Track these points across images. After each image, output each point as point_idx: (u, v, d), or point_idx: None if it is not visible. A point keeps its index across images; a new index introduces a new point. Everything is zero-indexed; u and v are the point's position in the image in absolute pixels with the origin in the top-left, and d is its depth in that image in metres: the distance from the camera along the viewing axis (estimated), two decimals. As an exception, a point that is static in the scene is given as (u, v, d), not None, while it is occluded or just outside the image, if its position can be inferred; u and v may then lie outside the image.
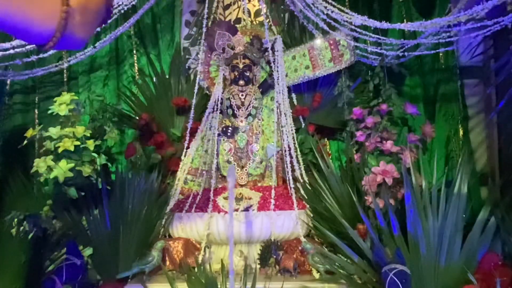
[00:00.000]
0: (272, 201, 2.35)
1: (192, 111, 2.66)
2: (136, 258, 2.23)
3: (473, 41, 2.67)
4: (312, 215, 2.38)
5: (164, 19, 3.29)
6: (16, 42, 2.60)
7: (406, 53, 2.62)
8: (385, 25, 2.38)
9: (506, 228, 2.14)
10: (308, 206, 2.40)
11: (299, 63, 2.74)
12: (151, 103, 3.06)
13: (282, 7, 2.97)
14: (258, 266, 2.27)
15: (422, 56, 2.83)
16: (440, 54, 2.99)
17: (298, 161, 2.51)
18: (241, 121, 2.63)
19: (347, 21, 2.48)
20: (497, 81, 2.64)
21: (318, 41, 2.72)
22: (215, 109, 2.63)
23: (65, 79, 3.26)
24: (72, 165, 2.30)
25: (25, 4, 0.69)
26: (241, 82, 2.62)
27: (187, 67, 3.09)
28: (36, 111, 3.24)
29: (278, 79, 2.59)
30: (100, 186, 2.41)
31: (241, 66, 2.62)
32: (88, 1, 0.77)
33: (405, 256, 1.91)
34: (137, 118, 2.97)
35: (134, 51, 3.28)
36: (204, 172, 2.59)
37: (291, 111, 2.62)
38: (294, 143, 2.54)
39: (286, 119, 2.56)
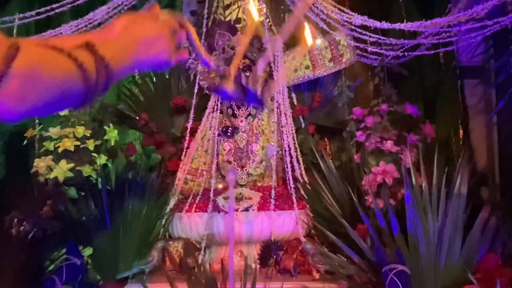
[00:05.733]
0: (272, 201, 2.36)
1: (192, 111, 2.66)
2: (136, 258, 2.23)
3: (473, 41, 2.67)
4: (312, 215, 2.37)
5: (164, 19, 3.28)
6: (16, 42, 2.60)
7: (406, 53, 2.62)
8: (385, 25, 2.38)
9: (506, 228, 2.13)
10: (308, 206, 2.40)
11: (299, 63, 2.73)
12: (151, 103, 3.05)
13: (282, 7, 2.96)
14: (258, 266, 2.27)
15: (422, 56, 2.83)
16: (440, 54, 2.98)
17: (298, 161, 2.51)
18: (241, 121, 2.63)
19: (347, 21, 2.48)
20: (497, 81, 2.64)
21: (318, 41, 2.72)
22: (215, 109, 2.63)
23: (65, 79, 3.25)
24: (72, 165, 2.30)
25: None
26: (241, 82, 2.62)
27: (187, 67, 3.09)
28: (36, 111, 3.23)
29: (278, 79, 2.59)
30: (100, 186, 2.41)
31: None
32: (39, 69, 0.62)
33: (405, 256, 1.91)
34: (137, 118, 2.97)
35: (134, 51, 3.27)
36: (204, 172, 2.59)
37: (291, 111, 2.62)
38: (294, 143, 2.54)
39: (286, 119, 2.56)
